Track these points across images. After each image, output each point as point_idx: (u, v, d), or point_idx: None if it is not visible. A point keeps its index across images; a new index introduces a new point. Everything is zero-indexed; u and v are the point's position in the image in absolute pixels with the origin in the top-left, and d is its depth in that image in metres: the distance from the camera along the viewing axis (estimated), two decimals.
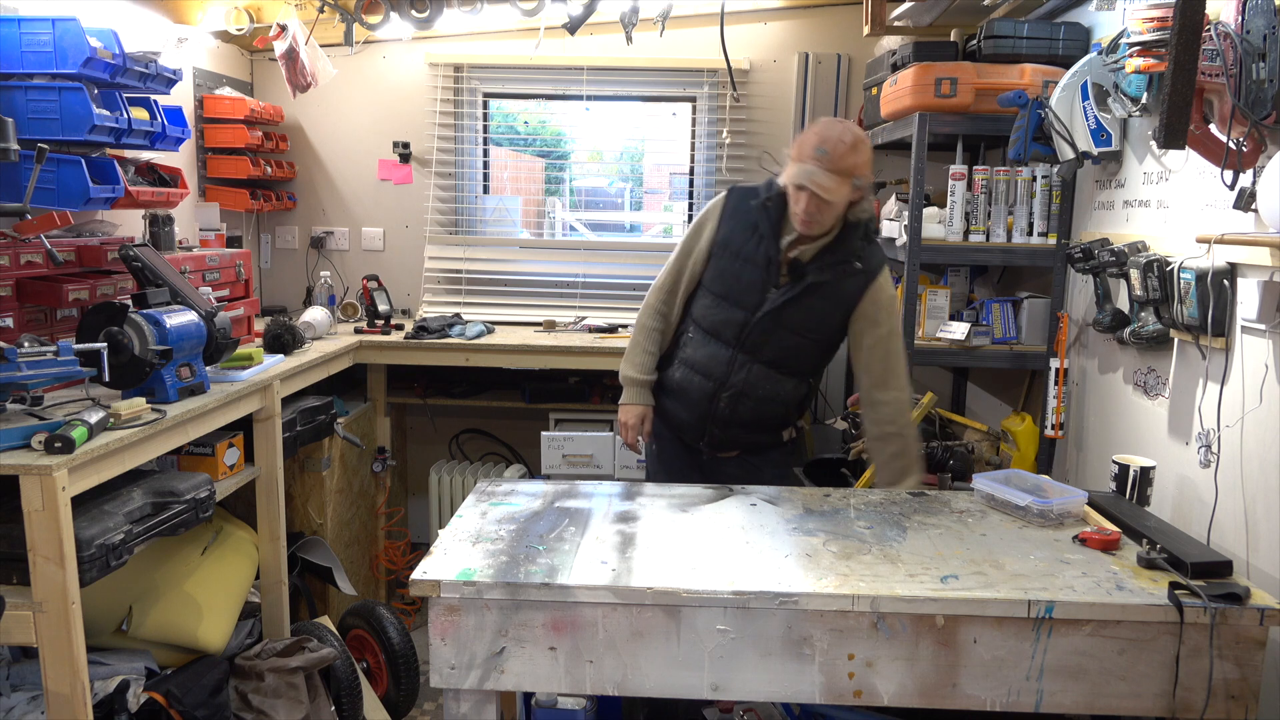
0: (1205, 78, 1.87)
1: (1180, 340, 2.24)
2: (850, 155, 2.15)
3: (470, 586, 1.67)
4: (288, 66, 3.55)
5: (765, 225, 2.28)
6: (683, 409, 2.42)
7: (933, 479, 3.08)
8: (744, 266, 2.30)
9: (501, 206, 4.28)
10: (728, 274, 2.31)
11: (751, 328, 2.30)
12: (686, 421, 2.43)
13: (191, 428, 2.25)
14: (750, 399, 2.36)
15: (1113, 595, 1.64)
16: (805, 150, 2.17)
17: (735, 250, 2.31)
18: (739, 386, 2.34)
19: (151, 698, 2.19)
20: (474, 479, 3.75)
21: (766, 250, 2.28)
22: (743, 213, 2.32)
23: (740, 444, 2.44)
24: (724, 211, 2.34)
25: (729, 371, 2.33)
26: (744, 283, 2.30)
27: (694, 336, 2.39)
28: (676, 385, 2.41)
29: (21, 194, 2.22)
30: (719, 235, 2.33)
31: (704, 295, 2.37)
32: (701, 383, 2.36)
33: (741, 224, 2.32)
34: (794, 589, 1.66)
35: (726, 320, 2.32)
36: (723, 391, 2.35)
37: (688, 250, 2.41)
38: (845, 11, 3.83)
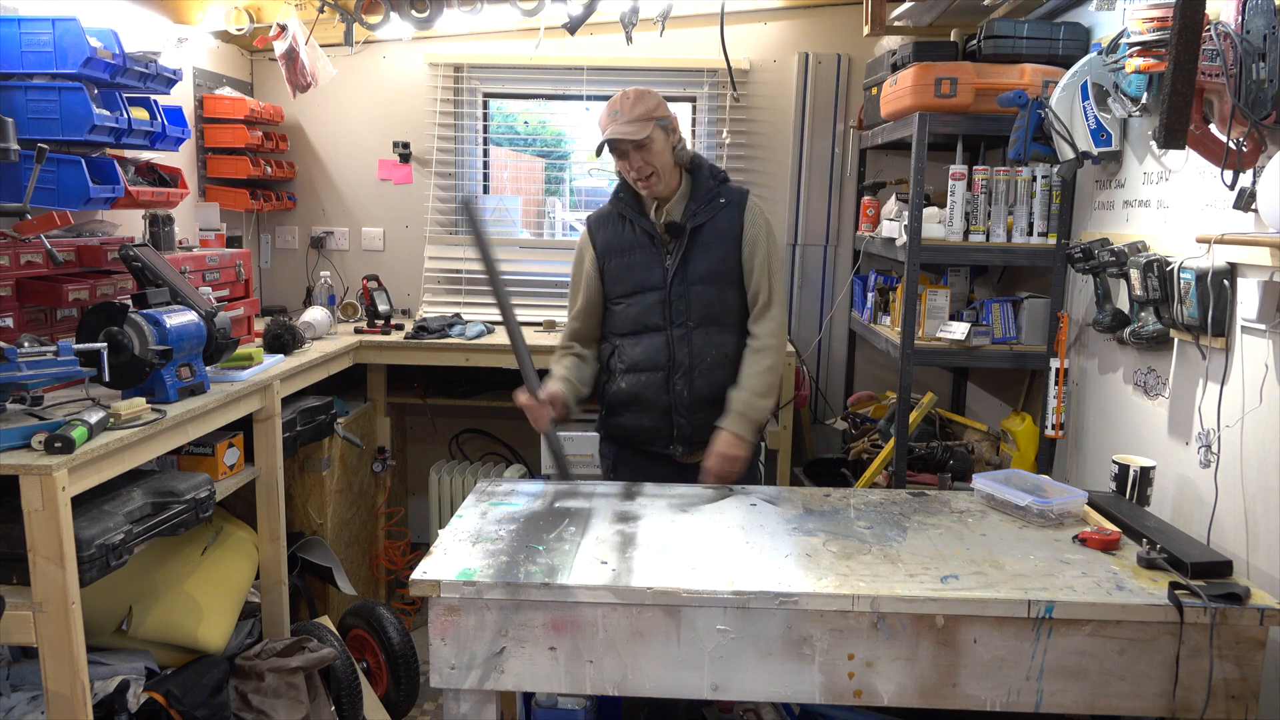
0: (1205, 78, 1.87)
1: (1180, 340, 2.24)
2: (638, 104, 2.31)
3: (470, 586, 1.67)
4: (288, 66, 3.55)
5: (629, 210, 2.41)
6: (643, 415, 2.39)
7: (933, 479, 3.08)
8: (633, 255, 2.39)
9: (501, 206, 4.28)
10: (624, 270, 2.39)
11: (670, 298, 2.35)
12: (651, 426, 2.39)
13: (191, 428, 2.25)
14: (701, 368, 2.35)
15: (1113, 595, 1.65)
16: (602, 121, 2.33)
17: (618, 248, 2.40)
18: (687, 360, 2.35)
19: (151, 698, 2.19)
20: (474, 479, 3.75)
21: (642, 228, 2.39)
22: (605, 221, 2.46)
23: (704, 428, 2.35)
24: (590, 232, 2.46)
25: (671, 352, 2.35)
26: (641, 266, 2.37)
27: (622, 344, 2.41)
28: (627, 395, 2.39)
29: (21, 194, 2.22)
30: (598, 249, 2.43)
31: (614, 306, 2.43)
32: (650, 378, 2.36)
33: (609, 228, 2.44)
34: (794, 589, 1.66)
35: (646, 309, 2.37)
36: (674, 374, 2.35)
37: (576, 286, 2.49)
38: (845, 11, 3.83)
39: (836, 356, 4.04)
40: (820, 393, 4.05)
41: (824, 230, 3.97)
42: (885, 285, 3.42)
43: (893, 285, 3.35)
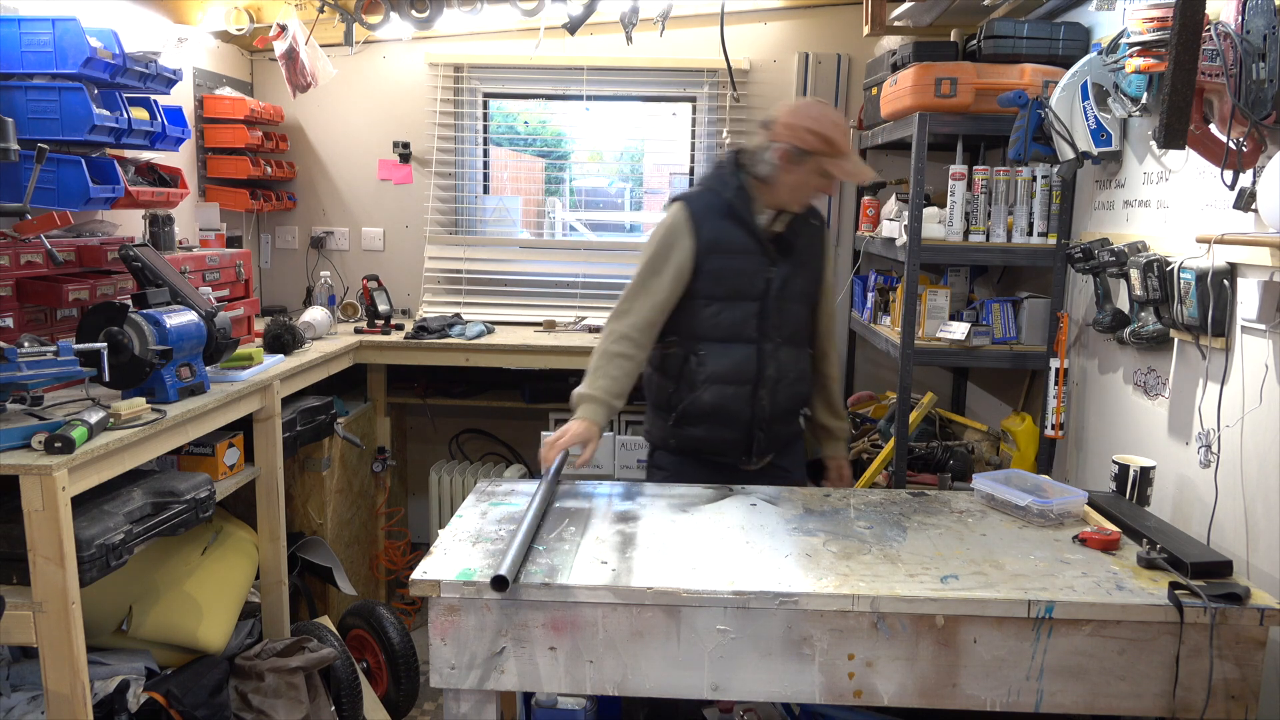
0: (1205, 78, 1.87)
1: (1180, 340, 2.24)
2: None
3: (470, 586, 1.67)
4: (288, 66, 3.55)
5: (744, 210, 2.29)
6: (724, 428, 2.33)
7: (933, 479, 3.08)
8: (740, 259, 2.29)
9: (501, 206, 4.28)
10: (725, 273, 2.28)
11: (768, 313, 2.30)
12: (731, 439, 2.35)
13: (191, 428, 2.25)
14: (785, 384, 2.35)
15: (1113, 595, 1.65)
16: (843, 144, 2.21)
17: (726, 247, 2.28)
18: (774, 376, 2.32)
19: (151, 698, 2.19)
20: (474, 479, 3.75)
21: (753, 234, 2.29)
22: (713, 213, 2.29)
23: (780, 440, 2.42)
24: (695, 219, 2.28)
25: (761, 366, 2.30)
26: (746, 274, 2.29)
27: (708, 352, 2.30)
28: (710, 408, 2.30)
29: (21, 194, 2.22)
30: (701, 241, 2.27)
31: (705, 306, 2.29)
32: (736, 391, 2.30)
33: (718, 223, 2.29)
34: (794, 589, 1.66)
35: (741, 318, 2.29)
36: (761, 390, 2.31)
37: (655, 271, 2.27)
38: (845, 11, 3.83)
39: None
40: None
41: None
42: (885, 285, 3.42)
43: (893, 285, 3.35)
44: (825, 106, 2.25)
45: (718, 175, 2.35)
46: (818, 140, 2.18)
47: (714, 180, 2.34)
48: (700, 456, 2.39)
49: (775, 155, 2.22)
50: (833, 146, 2.19)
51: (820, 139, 2.18)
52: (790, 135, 2.20)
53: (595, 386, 2.24)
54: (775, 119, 2.25)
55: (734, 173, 2.30)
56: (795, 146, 2.19)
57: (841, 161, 2.21)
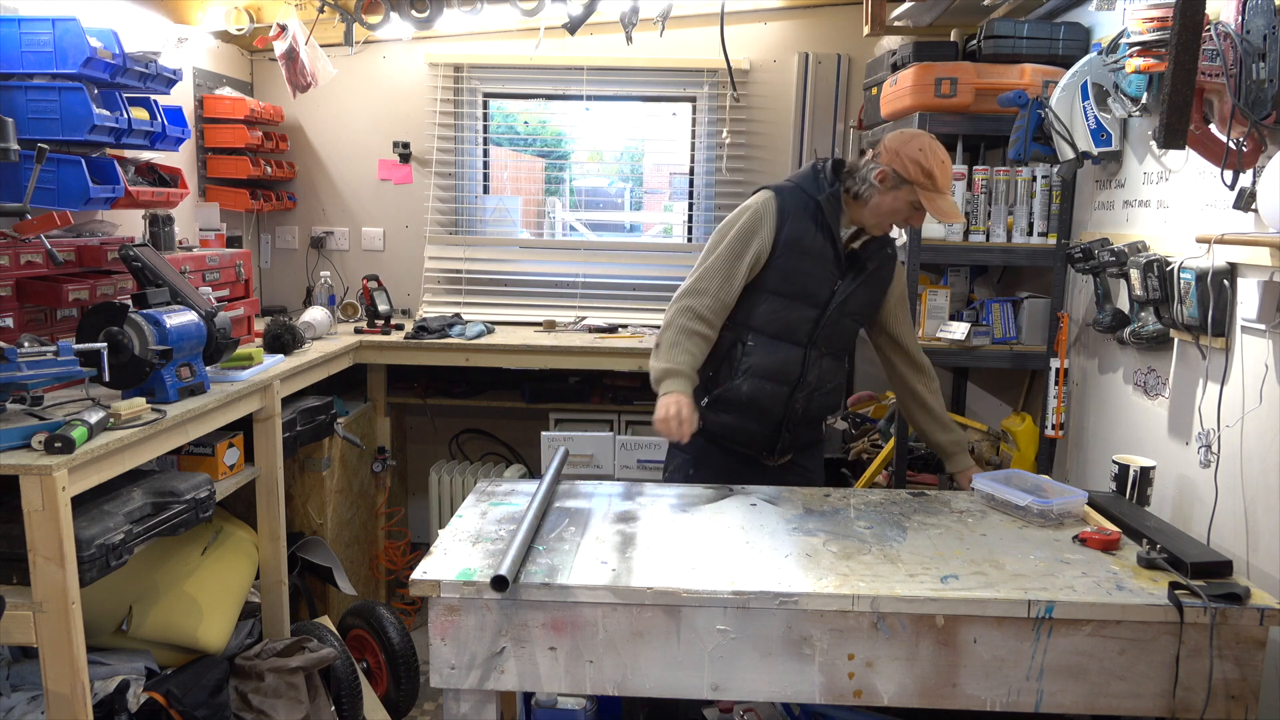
0: (1205, 78, 1.87)
1: (1180, 340, 2.24)
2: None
3: (470, 586, 1.67)
4: (288, 66, 3.55)
5: (831, 219, 2.29)
6: (754, 421, 2.34)
7: (933, 479, 3.08)
8: (812, 262, 2.29)
9: (501, 206, 4.28)
10: (796, 273, 2.28)
11: (825, 322, 2.31)
12: (758, 433, 2.36)
13: (191, 428, 2.25)
14: (821, 393, 2.38)
15: (1113, 595, 1.65)
16: (944, 183, 2.22)
17: (803, 248, 2.28)
18: (813, 383, 2.34)
19: (151, 698, 2.19)
20: (474, 479, 3.75)
21: (831, 243, 2.30)
22: (800, 212, 2.29)
23: (804, 441, 2.46)
24: (780, 212, 2.28)
25: (803, 370, 2.32)
26: (815, 279, 2.30)
27: (756, 344, 2.31)
28: (746, 398, 2.31)
29: (21, 194, 2.22)
30: (782, 235, 2.27)
31: (767, 300, 2.30)
32: (774, 389, 2.31)
33: (802, 222, 2.28)
34: (794, 589, 1.66)
35: (798, 319, 2.30)
36: (798, 392, 2.32)
37: (737, 254, 2.26)
38: (845, 11, 3.83)
39: None
40: None
41: None
42: None
43: None
44: (936, 143, 2.23)
45: (813, 178, 2.33)
46: (919, 172, 2.18)
47: (808, 181, 2.33)
48: (724, 445, 2.40)
49: (875, 175, 2.23)
50: (932, 181, 2.19)
51: (922, 171, 2.18)
52: (894, 160, 2.20)
53: (678, 362, 2.23)
54: (883, 140, 2.27)
55: (831, 180, 2.30)
56: (896, 172, 2.20)
57: (936, 198, 2.21)
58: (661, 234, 4.61)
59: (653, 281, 4.10)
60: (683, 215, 4.23)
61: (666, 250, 4.31)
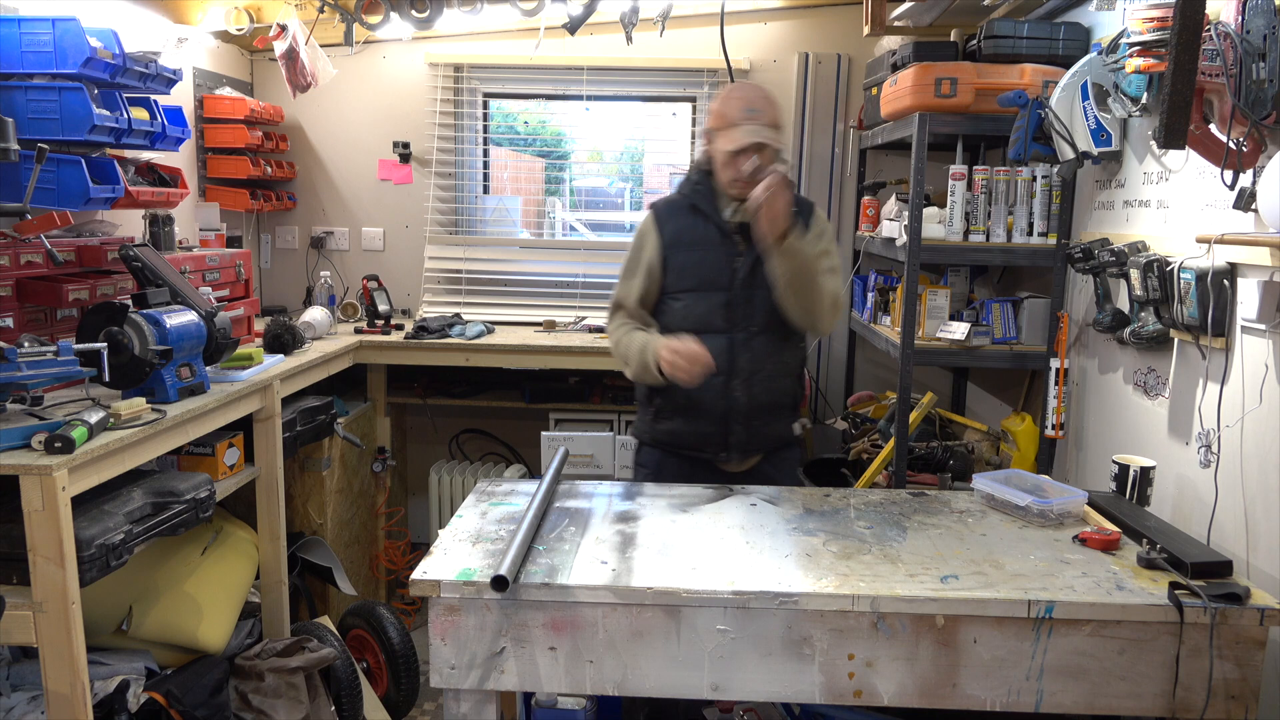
0: (1205, 78, 1.87)
1: (1180, 340, 2.24)
2: (772, 109, 2.25)
3: (470, 586, 1.67)
4: (288, 66, 3.55)
5: (705, 204, 2.33)
6: (698, 421, 2.34)
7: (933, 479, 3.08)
8: (703, 251, 2.32)
9: (501, 206, 4.28)
10: (689, 265, 2.32)
11: (736, 301, 2.30)
12: (705, 433, 2.35)
13: (191, 428, 2.25)
14: (761, 375, 2.33)
15: (1113, 595, 1.65)
16: (735, 115, 2.22)
17: (688, 241, 2.33)
18: (748, 368, 2.31)
19: (151, 698, 2.19)
20: (474, 479, 3.75)
21: (716, 225, 2.32)
22: (675, 210, 2.37)
23: (762, 439, 2.38)
24: (658, 219, 2.37)
25: (733, 356, 2.29)
26: (710, 264, 2.31)
27: None
28: (685, 401, 2.32)
29: (21, 194, 2.22)
30: (665, 239, 2.34)
31: (674, 301, 2.34)
32: (708, 382, 2.28)
33: (680, 218, 2.35)
34: (794, 589, 1.66)
35: (709, 309, 2.31)
36: (734, 380, 2.30)
37: (634, 268, 2.37)
38: (845, 11, 3.83)
39: (836, 356, 4.04)
40: (820, 393, 4.05)
41: None
42: (885, 285, 3.42)
43: (893, 285, 3.35)
44: (738, 84, 2.25)
45: (685, 178, 2.43)
46: (714, 117, 2.24)
47: (682, 184, 2.43)
48: (679, 452, 2.39)
49: (704, 140, 2.31)
50: (723, 119, 2.22)
51: (716, 115, 2.23)
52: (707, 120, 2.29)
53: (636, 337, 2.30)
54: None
55: (698, 172, 2.37)
56: (707, 129, 2.29)
57: (730, 132, 2.21)
58: None
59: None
60: None
61: None
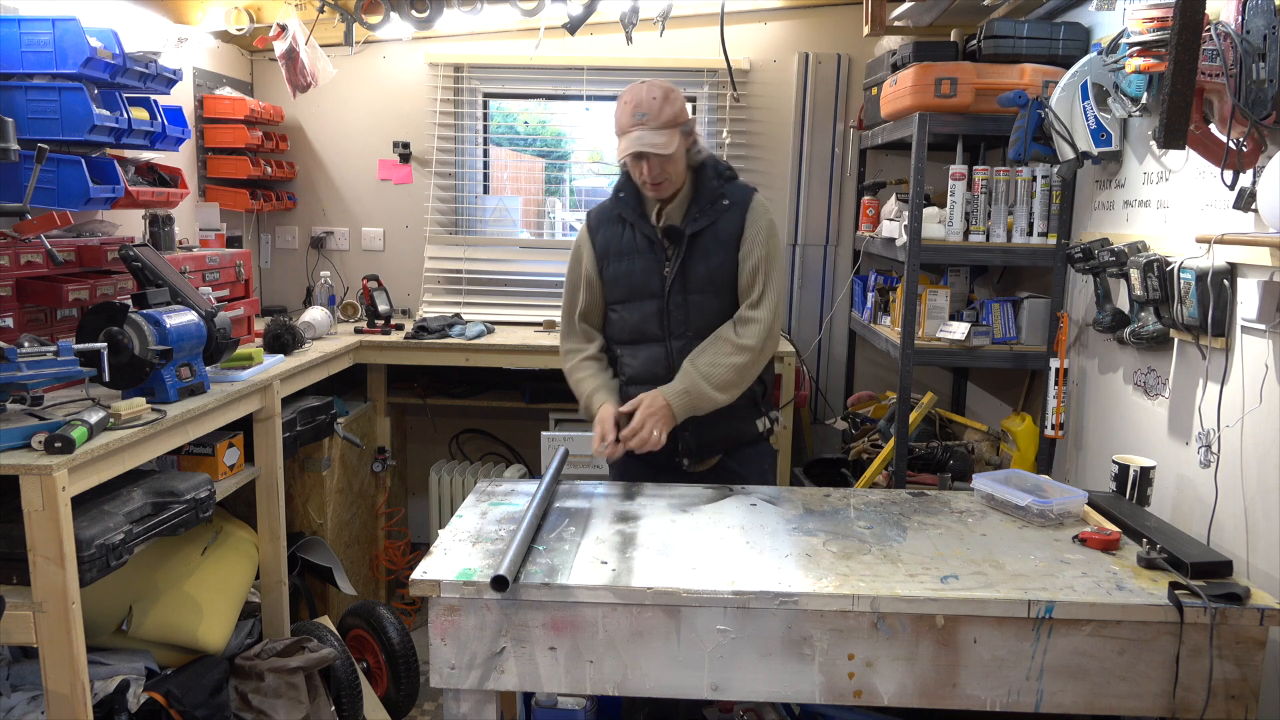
0: (1205, 78, 1.87)
1: (1180, 340, 2.24)
2: (667, 107, 2.14)
3: (470, 586, 1.67)
4: (288, 66, 3.55)
5: (629, 213, 2.28)
6: None
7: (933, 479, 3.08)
8: (632, 260, 2.28)
9: (501, 206, 4.28)
10: (621, 275, 2.30)
11: (669, 308, 2.26)
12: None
13: (191, 428, 2.25)
14: None
15: (1113, 595, 1.65)
16: (625, 121, 2.16)
17: (617, 251, 2.30)
18: None
19: (151, 698, 2.19)
20: (474, 479, 3.75)
21: (642, 233, 2.27)
22: (605, 220, 2.34)
23: (719, 438, 2.33)
24: (590, 230, 2.35)
25: (671, 363, 2.25)
26: (639, 273, 2.27)
27: (624, 354, 2.34)
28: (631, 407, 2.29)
29: (21, 194, 2.22)
30: (597, 250, 2.32)
31: (612, 311, 2.34)
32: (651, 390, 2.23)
33: (608, 229, 2.32)
34: (794, 589, 1.66)
35: (643, 317, 2.29)
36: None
37: (575, 281, 2.37)
38: (845, 11, 3.83)
39: (836, 356, 4.04)
40: (820, 393, 4.05)
41: (824, 230, 3.97)
42: (885, 285, 3.42)
43: (893, 285, 3.35)
44: (637, 84, 2.17)
45: (615, 185, 2.37)
46: (616, 121, 2.19)
47: (611, 193, 2.37)
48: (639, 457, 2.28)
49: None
50: (619, 125, 2.17)
51: (615, 120, 2.18)
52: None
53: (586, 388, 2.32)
54: None
55: (623, 180, 2.32)
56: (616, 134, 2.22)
57: (620, 140, 2.16)
58: None
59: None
60: None
61: None
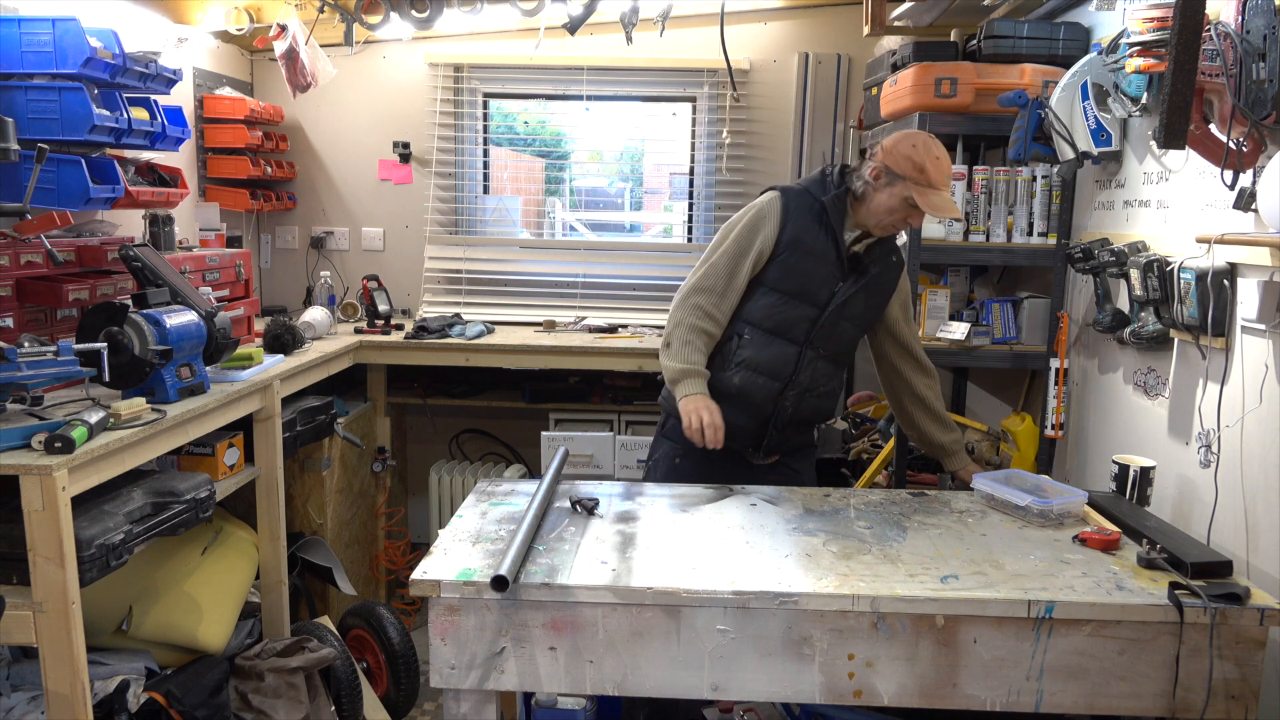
0: (1205, 78, 1.87)
1: (1180, 340, 2.24)
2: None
3: (470, 586, 1.67)
4: (288, 66, 3.55)
5: (836, 219, 2.31)
6: (742, 414, 2.33)
7: (933, 479, 3.08)
8: (815, 263, 2.30)
9: (501, 206, 4.28)
10: (798, 271, 2.30)
11: (822, 323, 2.32)
12: (744, 427, 2.34)
13: (191, 428, 2.25)
14: (814, 395, 2.37)
15: (1113, 595, 1.65)
16: (938, 178, 2.21)
17: (806, 247, 2.30)
18: (805, 383, 2.34)
19: (151, 698, 2.19)
20: (474, 479, 3.75)
21: (835, 244, 2.31)
22: (805, 211, 2.32)
23: (789, 445, 2.44)
24: (784, 211, 2.32)
25: (796, 369, 2.32)
26: (816, 279, 2.31)
27: (751, 338, 2.32)
28: (736, 389, 2.32)
29: (21, 194, 2.22)
30: (785, 234, 2.30)
31: (766, 295, 2.32)
32: (766, 384, 2.31)
33: (806, 221, 2.31)
34: (794, 589, 1.66)
35: (796, 318, 2.31)
36: (789, 390, 2.32)
37: (741, 252, 2.30)
38: (845, 11, 3.83)
39: None
40: None
41: None
42: None
43: None
44: (932, 141, 2.23)
45: (820, 181, 2.37)
46: (911, 167, 2.20)
47: (815, 184, 2.37)
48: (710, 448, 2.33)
49: (869, 173, 2.26)
50: (924, 176, 2.20)
51: (914, 166, 2.20)
52: (888, 157, 2.24)
53: (692, 360, 2.29)
54: (881, 141, 2.30)
55: (836, 183, 2.33)
56: (889, 168, 2.22)
57: (929, 193, 2.20)
58: (661, 234, 4.61)
59: (653, 281, 4.10)
60: (683, 215, 4.23)
61: (666, 250, 4.31)
